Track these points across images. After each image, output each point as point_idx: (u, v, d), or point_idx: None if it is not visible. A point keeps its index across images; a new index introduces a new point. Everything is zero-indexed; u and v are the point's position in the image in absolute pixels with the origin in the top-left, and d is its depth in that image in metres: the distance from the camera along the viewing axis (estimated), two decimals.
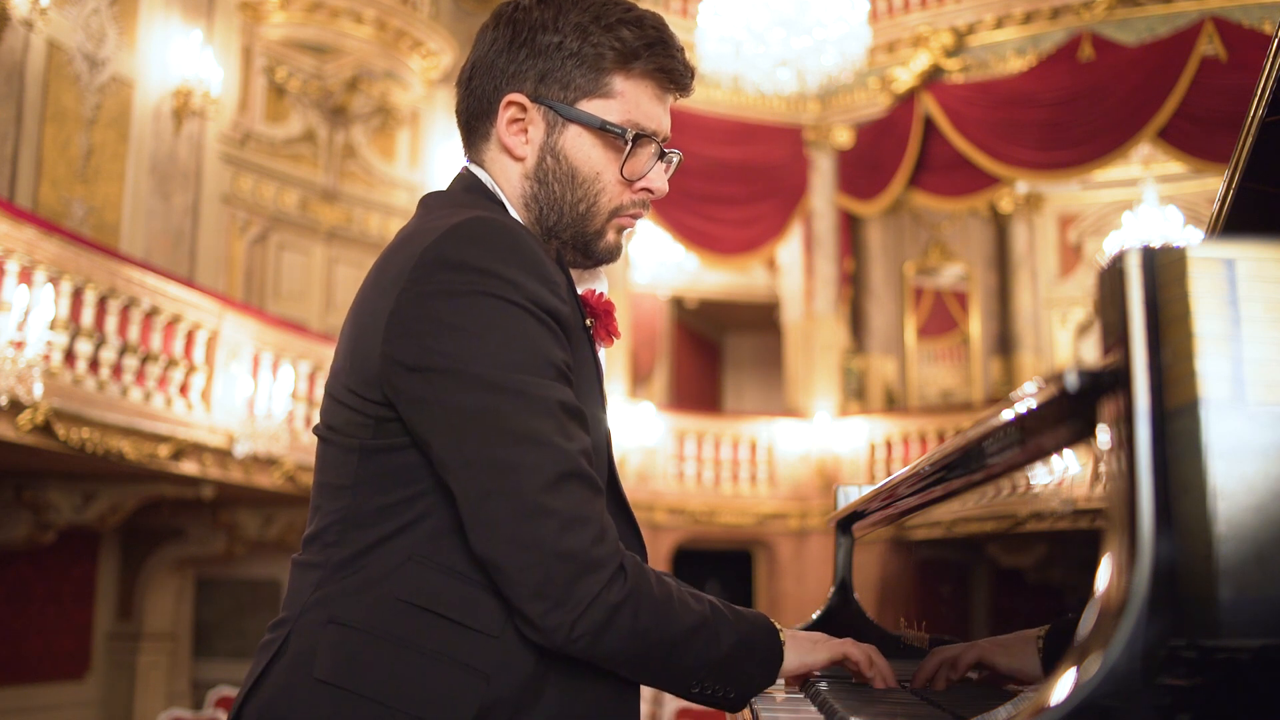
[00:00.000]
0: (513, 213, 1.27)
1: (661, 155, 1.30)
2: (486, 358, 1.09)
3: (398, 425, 1.14)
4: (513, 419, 1.08)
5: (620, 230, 1.30)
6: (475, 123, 1.30)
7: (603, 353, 1.32)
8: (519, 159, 1.27)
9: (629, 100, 1.25)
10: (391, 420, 1.15)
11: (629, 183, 1.27)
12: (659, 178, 1.30)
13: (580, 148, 1.25)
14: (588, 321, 1.25)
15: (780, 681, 1.37)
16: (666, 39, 1.27)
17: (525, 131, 1.26)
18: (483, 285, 1.11)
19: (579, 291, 1.27)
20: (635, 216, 1.30)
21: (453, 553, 1.12)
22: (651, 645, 1.12)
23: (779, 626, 1.25)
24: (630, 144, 1.25)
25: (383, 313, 1.14)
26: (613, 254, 1.31)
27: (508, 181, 1.28)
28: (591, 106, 1.24)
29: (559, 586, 1.06)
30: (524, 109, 1.25)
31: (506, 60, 1.26)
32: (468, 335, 1.09)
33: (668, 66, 1.26)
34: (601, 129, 1.24)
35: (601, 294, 1.30)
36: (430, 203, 1.28)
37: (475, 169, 1.30)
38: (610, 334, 1.30)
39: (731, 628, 1.18)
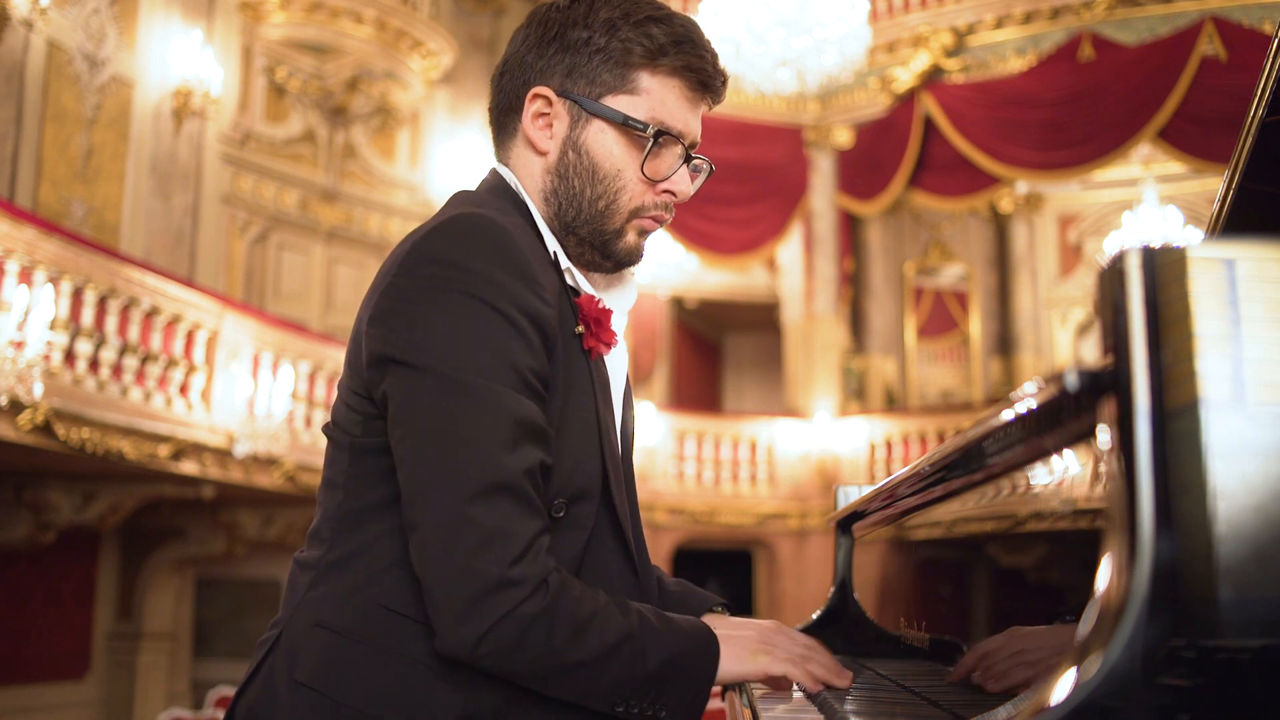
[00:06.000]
0: (534, 210, 1.25)
1: (689, 160, 1.26)
2: (448, 355, 1.07)
3: (384, 424, 1.13)
4: (457, 421, 1.05)
5: (641, 232, 1.27)
6: (504, 118, 1.29)
7: (614, 358, 1.27)
8: (542, 153, 1.25)
9: (654, 98, 1.23)
10: (378, 418, 1.14)
11: (651, 183, 1.24)
12: (683, 180, 1.26)
13: (602, 143, 1.23)
14: (578, 329, 1.21)
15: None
16: (696, 38, 1.24)
17: (550, 126, 1.25)
18: (460, 282, 1.09)
19: (594, 299, 1.24)
20: (657, 220, 1.27)
21: None
22: (567, 665, 1.06)
23: (717, 633, 1.16)
24: (653, 142, 1.22)
25: (370, 307, 1.15)
26: (633, 256, 1.27)
27: (530, 178, 1.26)
28: (616, 102, 1.22)
29: (464, 602, 1.02)
30: (549, 102, 1.24)
31: (536, 56, 1.25)
32: (435, 331, 1.08)
33: (695, 65, 1.24)
34: (624, 124, 1.22)
35: (599, 300, 1.25)
36: (452, 200, 1.27)
37: (501, 169, 1.29)
38: (604, 342, 1.23)
39: (661, 643, 1.11)
